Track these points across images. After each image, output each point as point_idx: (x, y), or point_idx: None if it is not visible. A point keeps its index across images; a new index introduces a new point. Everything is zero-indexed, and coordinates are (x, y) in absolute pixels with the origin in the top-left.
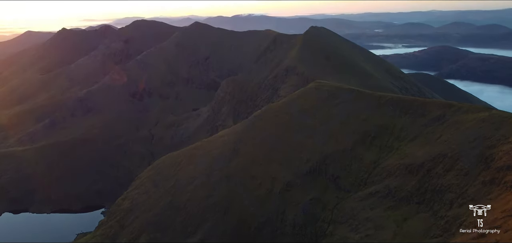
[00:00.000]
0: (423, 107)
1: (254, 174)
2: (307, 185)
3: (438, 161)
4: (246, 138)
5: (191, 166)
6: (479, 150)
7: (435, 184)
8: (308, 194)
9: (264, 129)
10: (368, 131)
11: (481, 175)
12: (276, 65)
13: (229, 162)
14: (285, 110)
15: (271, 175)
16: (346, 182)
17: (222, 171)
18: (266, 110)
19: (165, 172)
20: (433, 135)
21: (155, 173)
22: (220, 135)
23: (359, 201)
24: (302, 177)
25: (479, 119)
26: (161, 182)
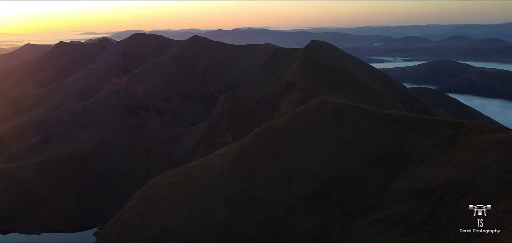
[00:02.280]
0: (432, 127)
1: (253, 196)
2: (310, 209)
3: (452, 186)
4: (245, 157)
5: (187, 186)
6: (498, 175)
7: (450, 211)
8: (311, 218)
9: (264, 148)
10: (374, 151)
11: (501, 202)
12: (276, 80)
13: (228, 183)
14: (286, 128)
15: (272, 197)
16: (351, 206)
17: (220, 193)
18: (266, 128)
19: (160, 192)
20: (445, 157)
21: (149, 193)
22: (218, 154)
23: (367, 228)
24: (305, 200)
25: (496, 140)
26: (155, 203)
